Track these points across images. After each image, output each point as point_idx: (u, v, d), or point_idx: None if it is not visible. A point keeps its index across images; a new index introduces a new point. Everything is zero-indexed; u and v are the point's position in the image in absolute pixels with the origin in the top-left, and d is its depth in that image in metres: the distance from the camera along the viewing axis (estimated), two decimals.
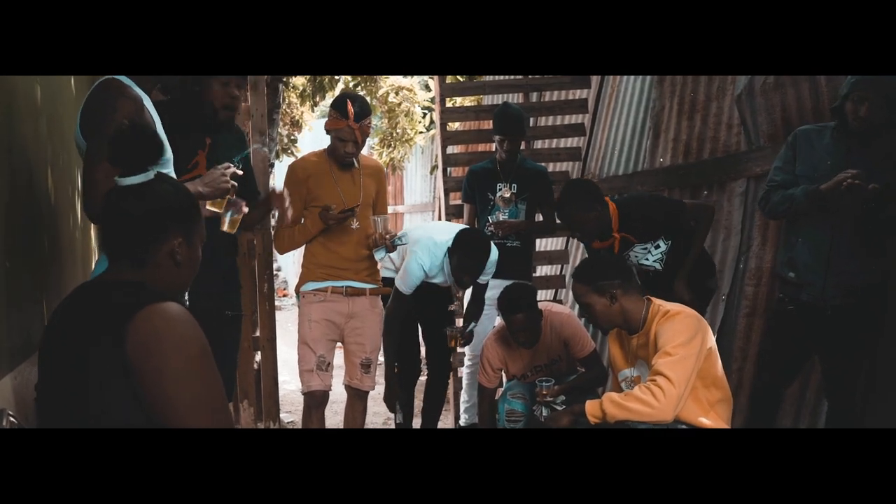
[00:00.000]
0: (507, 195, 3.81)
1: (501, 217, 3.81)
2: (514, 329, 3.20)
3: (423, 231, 3.57)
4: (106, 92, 1.91)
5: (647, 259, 3.12)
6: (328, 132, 3.04)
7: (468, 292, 3.70)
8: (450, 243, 3.33)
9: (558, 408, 2.87)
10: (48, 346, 1.38)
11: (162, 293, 1.34)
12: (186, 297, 1.84)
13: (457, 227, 3.59)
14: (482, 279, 3.47)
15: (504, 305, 3.20)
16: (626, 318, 2.52)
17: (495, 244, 3.65)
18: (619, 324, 2.55)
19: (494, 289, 3.79)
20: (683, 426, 2.33)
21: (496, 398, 3.52)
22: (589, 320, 2.65)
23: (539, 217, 3.97)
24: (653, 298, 2.55)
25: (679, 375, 2.24)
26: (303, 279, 3.16)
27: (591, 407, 2.33)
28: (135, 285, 1.35)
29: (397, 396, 3.50)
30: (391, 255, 3.50)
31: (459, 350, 3.90)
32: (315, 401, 3.09)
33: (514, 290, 3.23)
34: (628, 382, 2.59)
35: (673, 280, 3.01)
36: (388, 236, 3.04)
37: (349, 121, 2.96)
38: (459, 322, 3.81)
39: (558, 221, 3.59)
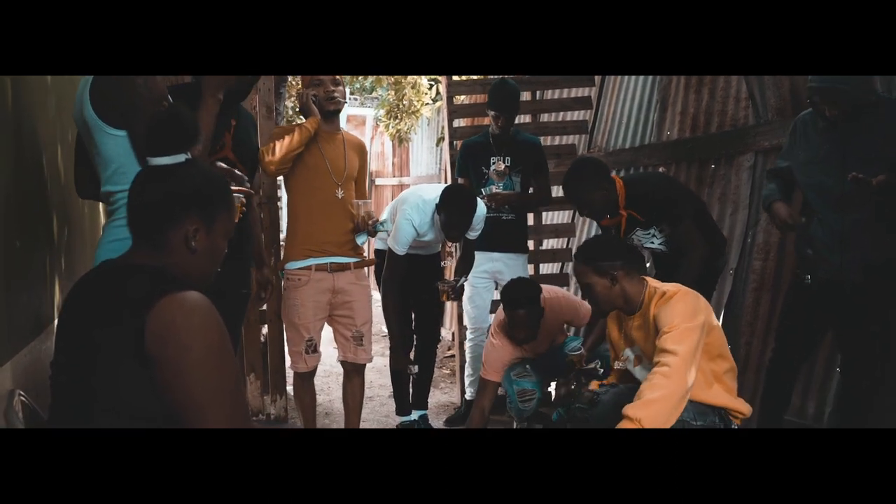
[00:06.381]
0: (502, 168, 3.83)
1: (496, 190, 3.82)
2: (514, 324, 3.21)
3: (411, 191, 3.65)
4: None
5: (652, 242, 3.10)
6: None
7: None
8: (437, 200, 3.38)
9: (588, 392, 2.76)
10: (66, 324, 1.37)
11: (182, 281, 1.33)
12: None
13: (443, 185, 3.64)
14: (471, 234, 3.51)
15: (507, 301, 3.21)
16: (626, 299, 2.47)
17: (490, 217, 3.65)
18: (620, 305, 2.51)
19: (494, 261, 3.83)
20: (693, 423, 2.33)
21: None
22: (588, 301, 2.61)
23: (535, 189, 3.97)
24: (648, 279, 2.51)
25: (684, 347, 2.21)
26: (286, 258, 3.17)
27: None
28: (156, 271, 1.34)
29: (405, 364, 3.55)
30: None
31: (449, 303, 3.91)
32: (305, 375, 3.17)
33: (517, 285, 3.24)
34: (629, 362, 2.57)
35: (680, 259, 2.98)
36: (370, 221, 3.09)
37: None
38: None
39: (555, 195, 3.55)
